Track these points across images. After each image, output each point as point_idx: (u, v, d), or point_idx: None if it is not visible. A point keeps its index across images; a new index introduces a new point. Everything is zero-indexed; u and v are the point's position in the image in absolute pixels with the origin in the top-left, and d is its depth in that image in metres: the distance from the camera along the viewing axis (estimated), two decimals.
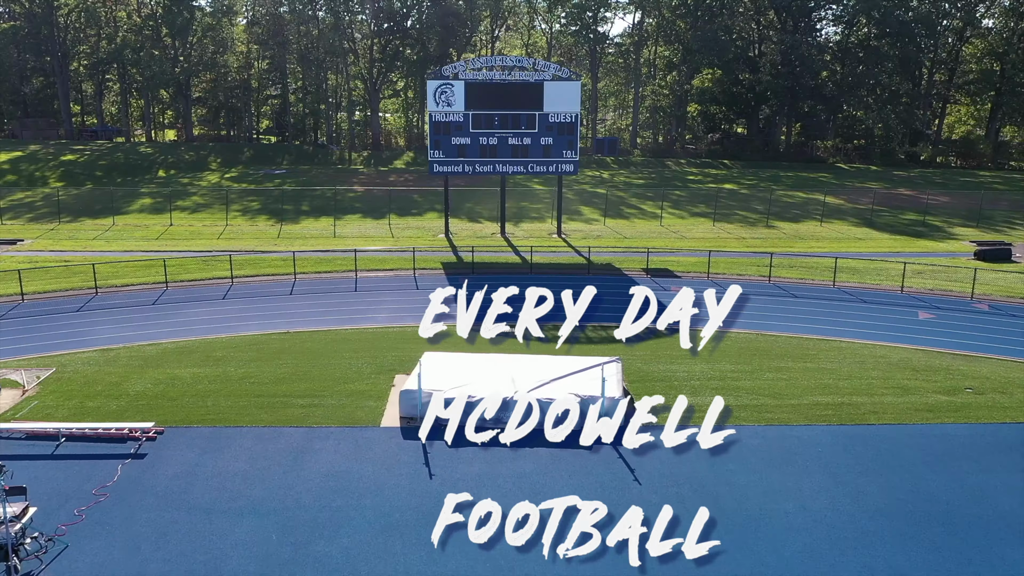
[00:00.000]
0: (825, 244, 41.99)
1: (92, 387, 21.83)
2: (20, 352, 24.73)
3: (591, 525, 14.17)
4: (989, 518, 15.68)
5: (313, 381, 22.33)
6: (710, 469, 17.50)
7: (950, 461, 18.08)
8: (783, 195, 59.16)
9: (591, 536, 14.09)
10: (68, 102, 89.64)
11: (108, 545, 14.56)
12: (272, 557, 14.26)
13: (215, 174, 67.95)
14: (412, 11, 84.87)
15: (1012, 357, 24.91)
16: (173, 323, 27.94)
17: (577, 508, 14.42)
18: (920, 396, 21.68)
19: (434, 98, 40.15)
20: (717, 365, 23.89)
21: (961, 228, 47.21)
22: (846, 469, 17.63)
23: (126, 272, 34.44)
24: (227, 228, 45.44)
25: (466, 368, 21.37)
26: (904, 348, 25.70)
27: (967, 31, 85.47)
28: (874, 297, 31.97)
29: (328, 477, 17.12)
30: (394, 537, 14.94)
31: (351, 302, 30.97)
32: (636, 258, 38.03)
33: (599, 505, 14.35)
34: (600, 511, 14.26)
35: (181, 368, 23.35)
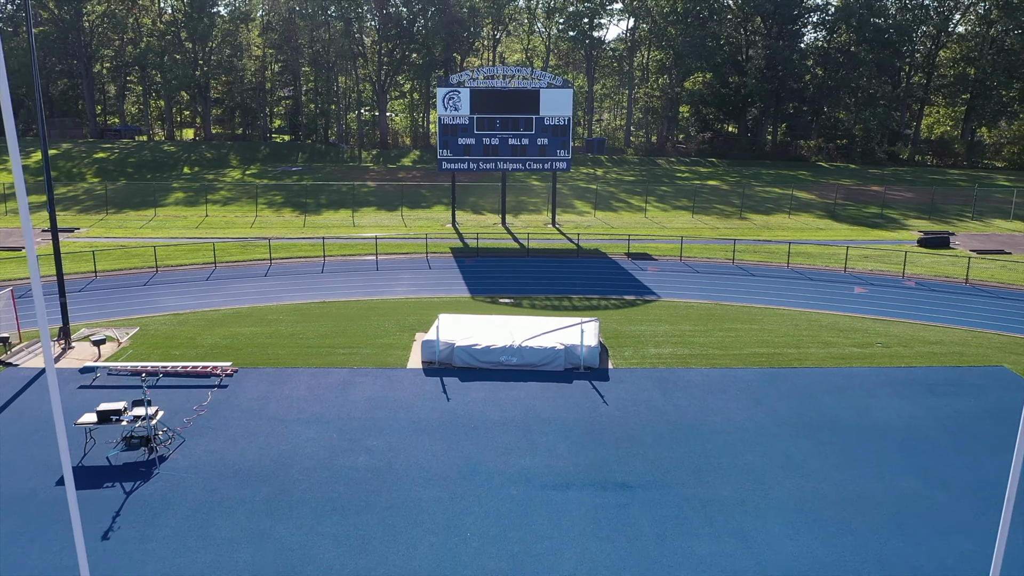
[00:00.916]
0: (789, 233, 47.30)
1: (172, 341, 27.18)
2: (105, 316, 30.11)
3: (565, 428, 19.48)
4: (865, 426, 20.99)
5: (350, 337, 27.67)
6: (662, 395, 22.82)
7: (848, 391, 23.39)
8: (760, 191, 64.46)
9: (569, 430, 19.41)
10: (93, 103, 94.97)
11: (213, 440, 19.88)
12: (335, 447, 19.58)
13: (236, 171, 73.26)
14: (418, 18, 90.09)
15: (922, 321, 30.27)
16: (226, 294, 33.30)
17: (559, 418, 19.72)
18: (838, 348, 27.01)
19: (443, 103, 45.46)
20: (678, 326, 29.24)
21: (915, 220, 52.51)
22: (766, 396, 22.93)
23: (178, 255, 39.81)
24: (257, 219, 50.83)
25: (474, 326, 26.67)
26: (835, 314, 31.06)
27: (942, 37, 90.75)
28: (820, 276, 37.34)
29: (369, 400, 22.45)
30: (422, 436, 20.24)
31: (374, 279, 36.33)
32: (620, 244, 43.37)
33: (578, 416, 19.63)
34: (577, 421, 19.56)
35: (240, 328, 28.70)
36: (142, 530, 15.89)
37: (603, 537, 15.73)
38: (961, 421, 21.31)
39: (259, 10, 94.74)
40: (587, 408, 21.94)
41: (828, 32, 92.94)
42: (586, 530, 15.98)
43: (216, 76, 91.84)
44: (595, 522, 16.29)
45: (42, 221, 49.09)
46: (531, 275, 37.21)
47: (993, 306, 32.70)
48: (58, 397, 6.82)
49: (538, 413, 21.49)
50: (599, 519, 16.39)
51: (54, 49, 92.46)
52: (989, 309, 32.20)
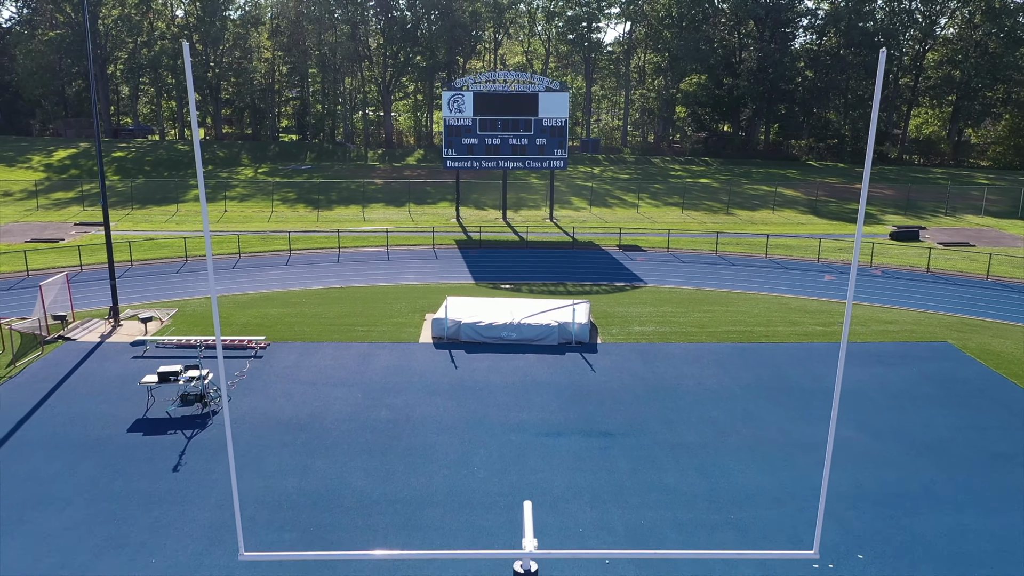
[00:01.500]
0: (772, 227, 50.55)
1: (208, 320, 30.45)
2: (145, 299, 33.39)
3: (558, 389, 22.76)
4: (817, 389, 24.23)
5: (367, 317, 30.93)
6: (643, 365, 26.08)
7: (807, 362, 26.64)
8: (749, 188, 67.71)
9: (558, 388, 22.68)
10: (108, 104, 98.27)
11: (254, 399, 23.14)
12: (360, 404, 22.83)
13: (249, 169, 76.56)
14: (422, 22, 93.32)
15: (881, 304, 33.53)
16: (252, 281, 36.59)
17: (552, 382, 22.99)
18: (803, 327, 30.27)
19: (448, 106, 48.71)
20: (661, 308, 32.50)
21: (892, 215, 55.75)
22: (734, 366, 26.17)
23: (204, 246, 43.09)
24: (273, 214, 54.14)
25: (478, 306, 29.94)
26: (804, 298, 34.32)
27: (928, 40, 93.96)
28: (795, 265, 40.62)
29: (387, 367, 25.72)
30: (435, 396, 23.50)
31: (386, 267, 39.61)
32: (612, 237, 46.63)
33: (567, 380, 22.90)
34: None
35: (268, 309, 31.97)
36: (205, 465, 19.18)
37: (586, 471, 19.00)
38: (901, 385, 24.57)
39: (268, 13, 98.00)
40: (577, 374, 25.21)
41: (818, 35, 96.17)
42: (572, 466, 19.25)
43: (227, 78, 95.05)
44: (580, 460, 19.56)
45: (72, 216, 52.45)
46: (530, 264, 40.48)
47: (948, 292, 35.95)
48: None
49: (534, 378, 24.77)
50: (583, 458, 19.66)
51: (70, 51, 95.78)
52: (943, 294, 35.46)
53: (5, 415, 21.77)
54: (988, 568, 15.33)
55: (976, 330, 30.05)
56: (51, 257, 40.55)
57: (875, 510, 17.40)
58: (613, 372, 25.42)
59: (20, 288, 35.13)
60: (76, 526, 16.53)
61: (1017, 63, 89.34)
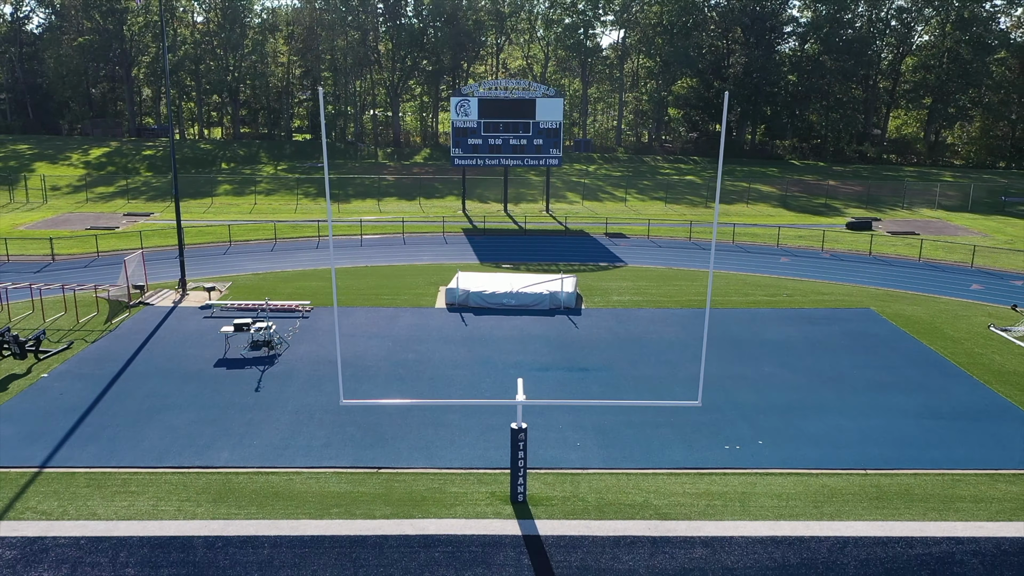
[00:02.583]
0: (743, 218, 56.68)
1: (259, 290, 36.61)
2: (202, 274, 39.54)
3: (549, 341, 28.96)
4: (756, 341, 30.36)
5: (391, 288, 37.10)
6: (617, 324, 32.25)
7: (751, 322, 32.78)
8: (730, 185, 73.82)
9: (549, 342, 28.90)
10: (133, 105, 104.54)
11: (307, 347, 29.29)
12: (391, 350, 28.97)
13: (268, 166, 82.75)
14: (428, 29, 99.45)
15: (823, 280, 39.69)
16: (290, 261, 42.77)
17: (543, 335, 29.19)
18: (753, 297, 36.43)
19: (455, 110, 54.84)
20: (637, 283, 38.69)
21: (854, 209, 61.89)
22: (691, 325, 32.29)
23: (243, 233, 49.31)
24: (298, 206, 60.36)
25: (484, 279, 36.12)
26: (758, 275, 40.49)
27: (903, 48, 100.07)
28: (757, 249, 46.81)
29: (410, 325, 31.89)
30: (450, 344, 29.65)
31: (403, 250, 45.79)
32: (600, 226, 52.79)
33: (556, 334, 29.11)
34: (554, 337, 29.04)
35: (307, 282, 38.14)
36: (279, 387, 25.37)
37: (567, 393, 25.16)
38: (823, 339, 30.74)
39: (284, 21, 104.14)
40: (563, 330, 31.41)
41: (801, 42, 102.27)
42: (556, 388, 25.41)
43: (245, 81, 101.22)
44: (563, 385, 25.73)
45: (118, 208, 58.66)
46: (527, 248, 46.65)
47: (883, 271, 42.08)
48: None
49: (529, 332, 30.93)
50: (565, 384, 25.84)
51: (98, 56, 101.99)
52: (878, 273, 41.58)
53: (116, 356, 27.99)
54: (850, 449, 21.49)
55: (896, 300, 36.21)
56: (112, 241, 46.75)
57: (778, 416, 23.57)
58: (592, 329, 31.62)
59: (94, 266, 41.34)
60: (193, 423, 22.72)
61: (987, 69, 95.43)
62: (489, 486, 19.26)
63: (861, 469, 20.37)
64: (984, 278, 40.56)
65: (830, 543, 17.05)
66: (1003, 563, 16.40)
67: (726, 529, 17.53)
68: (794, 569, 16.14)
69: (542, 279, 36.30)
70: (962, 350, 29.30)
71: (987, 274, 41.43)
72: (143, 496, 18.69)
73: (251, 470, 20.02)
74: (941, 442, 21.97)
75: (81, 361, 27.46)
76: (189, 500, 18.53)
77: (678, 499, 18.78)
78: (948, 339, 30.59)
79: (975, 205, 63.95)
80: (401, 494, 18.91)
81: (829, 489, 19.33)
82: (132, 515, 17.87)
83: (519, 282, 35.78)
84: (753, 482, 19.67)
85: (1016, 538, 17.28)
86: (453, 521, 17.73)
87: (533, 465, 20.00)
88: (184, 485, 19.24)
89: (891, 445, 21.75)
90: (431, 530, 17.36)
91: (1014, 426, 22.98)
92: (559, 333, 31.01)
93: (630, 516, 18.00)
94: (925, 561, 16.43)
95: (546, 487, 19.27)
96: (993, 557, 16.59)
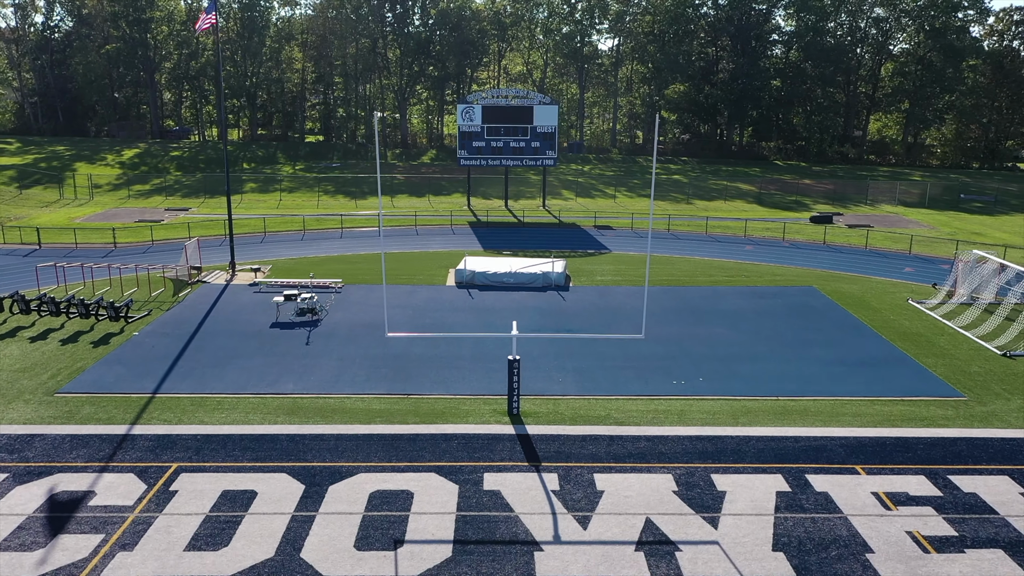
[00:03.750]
0: (720, 213, 63.09)
1: (295, 271, 43.07)
2: (246, 259, 46.01)
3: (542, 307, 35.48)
4: (712, 310, 36.78)
5: (408, 270, 43.56)
6: (599, 298, 38.71)
7: (710, 297, 39.19)
8: (713, 183, 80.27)
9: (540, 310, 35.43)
10: (156, 108, 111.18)
11: (343, 314, 35.73)
12: (411, 316, 35.41)
13: (287, 166, 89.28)
14: (434, 37, 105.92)
15: (778, 264, 46.12)
16: (319, 248, 49.26)
17: (536, 306, 35.73)
18: (715, 278, 42.86)
19: (461, 116, 61.32)
20: (618, 266, 45.14)
21: (822, 205, 68.29)
22: (661, 298, 38.68)
23: (274, 225, 55.81)
24: (320, 202, 66.89)
25: (487, 261, 42.61)
26: (724, 260, 46.93)
27: (881, 55, 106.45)
28: (727, 239, 53.27)
29: (426, 298, 38.36)
30: (459, 312, 36.08)
31: (416, 239, 52.26)
32: (590, 220, 59.24)
33: (547, 304, 35.63)
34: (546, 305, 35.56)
35: (336, 265, 44.62)
36: (324, 342, 31.85)
37: (555, 351, 31.58)
38: (768, 309, 37.16)
39: (299, 29, 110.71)
40: (553, 303, 37.87)
41: (785, 48, 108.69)
42: (546, 344, 31.84)
43: (263, 87, 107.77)
44: (552, 344, 32.15)
45: (158, 203, 65.17)
46: (525, 238, 53.09)
47: (831, 256, 48.48)
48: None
49: (524, 305, 37.37)
50: (554, 342, 32.26)
51: (124, 62, 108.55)
52: (827, 258, 47.98)
53: (189, 320, 34.49)
54: (770, 384, 27.89)
55: (837, 280, 42.64)
56: (162, 232, 53.28)
57: (719, 362, 30.01)
58: (577, 301, 38.10)
59: (151, 252, 47.86)
60: (261, 366, 29.20)
61: (961, 75, 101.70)
62: (492, 406, 25.74)
63: (774, 396, 26.82)
64: (918, 263, 47.01)
65: (739, 439, 23.52)
66: (859, 450, 22.85)
67: (665, 431, 23.98)
68: (709, 453, 22.59)
69: (537, 262, 42.78)
70: (879, 318, 35.73)
71: (922, 259, 47.88)
72: (235, 411, 25.17)
73: (312, 395, 26.52)
74: (842, 380, 28.43)
75: (162, 324, 33.98)
76: (269, 414, 25.01)
77: (632, 414, 25.23)
78: (871, 309, 37.03)
79: (932, 202, 70.35)
80: (426, 410, 25.39)
81: (747, 408, 25.79)
82: (230, 422, 24.36)
83: (517, 264, 42.27)
84: (690, 404, 26.12)
85: (874, 436, 23.72)
86: (466, 425, 24.22)
87: (525, 392, 26.47)
88: (263, 405, 25.72)
89: (803, 382, 28.20)
90: (450, 431, 23.85)
91: (901, 369, 29.44)
92: (550, 305, 37.48)
93: (595, 424, 24.46)
94: (804, 448, 22.89)
95: (534, 406, 25.73)
96: (853, 447, 23.05)
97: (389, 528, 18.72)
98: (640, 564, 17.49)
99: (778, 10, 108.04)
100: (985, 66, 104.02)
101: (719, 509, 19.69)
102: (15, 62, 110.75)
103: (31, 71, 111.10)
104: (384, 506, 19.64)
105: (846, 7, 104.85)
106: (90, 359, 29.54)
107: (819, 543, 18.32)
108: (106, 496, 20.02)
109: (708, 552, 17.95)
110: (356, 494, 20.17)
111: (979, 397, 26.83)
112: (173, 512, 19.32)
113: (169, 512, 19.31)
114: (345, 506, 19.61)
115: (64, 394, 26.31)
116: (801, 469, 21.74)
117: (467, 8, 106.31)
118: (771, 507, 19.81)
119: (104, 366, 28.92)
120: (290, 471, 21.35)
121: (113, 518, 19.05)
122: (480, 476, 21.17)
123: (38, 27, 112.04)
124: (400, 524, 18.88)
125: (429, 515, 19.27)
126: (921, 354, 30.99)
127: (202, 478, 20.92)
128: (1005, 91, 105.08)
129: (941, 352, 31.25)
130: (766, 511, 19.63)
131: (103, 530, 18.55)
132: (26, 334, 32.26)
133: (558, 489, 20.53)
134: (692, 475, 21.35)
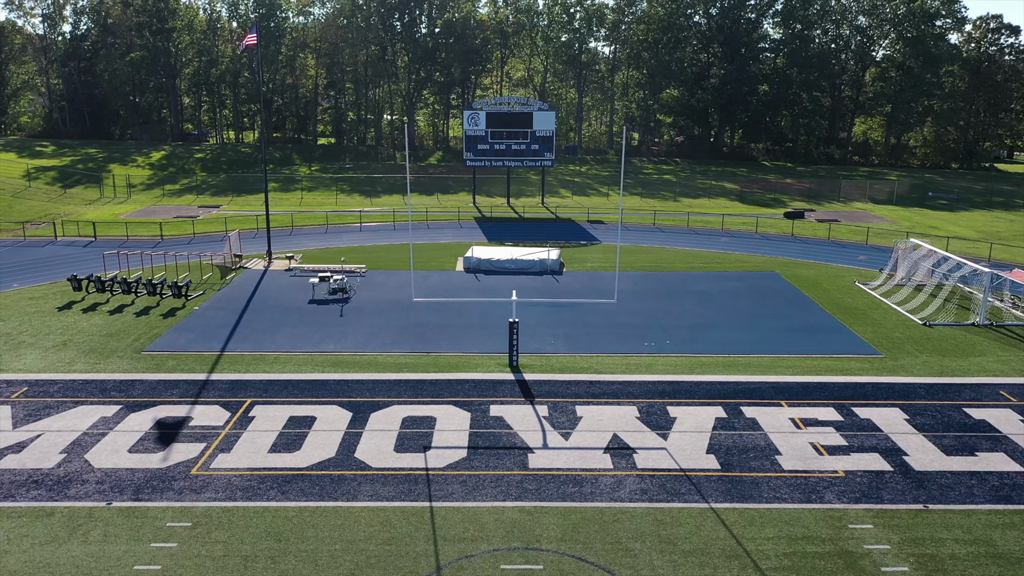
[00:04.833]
0: (703, 209, 69.14)
1: (323, 259, 49.20)
2: (279, 248, 52.18)
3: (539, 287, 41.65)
4: (684, 291, 42.84)
5: (421, 258, 49.66)
6: (588, 281, 44.82)
7: (684, 280, 45.26)
8: (700, 182, 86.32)
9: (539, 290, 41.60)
10: (177, 112, 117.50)
11: (369, 294, 41.85)
12: (431, 292, 41.52)
13: (303, 167, 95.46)
14: (440, 45, 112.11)
15: (747, 252, 52.17)
16: (342, 240, 55.40)
17: (534, 286, 41.92)
18: (692, 264, 48.92)
19: (467, 121, 67.43)
20: (606, 255, 51.27)
21: (799, 202, 74.30)
22: (642, 281, 44.71)
23: (299, 220, 61.99)
24: (338, 200, 73.08)
25: (492, 250, 48.75)
26: (701, 250, 53.00)
27: (864, 61, 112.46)
28: (706, 232, 59.36)
29: (439, 280, 44.47)
30: (468, 291, 42.17)
31: (428, 232, 58.41)
32: (584, 215, 65.34)
33: (542, 285, 41.82)
34: (543, 287, 41.75)
35: (359, 254, 50.74)
36: (355, 314, 37.99)
37: (549, 322, 37.65)
38: (733, 290, 43.22)
39: (313, 38, 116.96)
40: (549, 284, 43.99)
41: (773, 56, 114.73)
42: (542, 316, 37.91)
43: (279, 92, 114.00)
44: (546, 313, 38.25)
45: (190, 201, 71.34)
46: (525, 231, 59.20)
47: (795, 246, 54.51)
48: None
49: (524, 285, 43.45)
50: (548, 311, 38.35)
51: (147, 69, 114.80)
52: (792, 248, 54.01)
53: (238, 298, 40.65)
54: (725, 346, 33.94)
55: (797, 266, 48.71)
56: (200, 226, 59.49)
57: (686, 331, 36.09)
58: (570, 283, 44.22)
59: (194, 243, 54.03)
60: (305, 332, 35.33)
61: (939, 81, 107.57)
62: (496, 360, 31.85)
63: (726, 354, 32.90)
64: (872, 252, 53.07)
65: (692, 383, 29.62)
66: (786, 390, 28.94)
67: (634, 378, 30.08)
68: (667, 392, 28.67)
69: (535, 250, 48.90)
70: (827, 297, 41.79)
71: (876, 249, 53.91)
72: (289, 364, 31.32)
73: (350, 352, 32.66)
74: (785, 343, 34.48)
75: (216, 300, 40.14)
76: (317, 366, 31.15)
77: (608, 367, 31.33)
78: (822, 290, 43.09)
79: (900, 199, 76.38)
80: (443, 363, 31.53)
81: (702, 363, 31.89)
82: (287, 371, 30.50)
83: (518, 252, 48.39)
84: (657, 360, 32.23)
85: (801, 382, 29.78)
86: (476, 374, 30.35)
87: (523, 351, 32.57)
88: (311, 360, 31.86)
89: (752, 344, 34.27)
90: (463, 377, 29.98)
91: (836, 336, 35.50)
92: (545, 286, 43.58)
93: (579, 372, 30.57)
94: (743, 389, 28.98)
95: (531, 361, 31.84)
96: (782, 389, 29.13)
97: (419, 439, 24.87)
98: (607, 460, 23.61)
99: (767, 19, 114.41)
100: (963, 71, 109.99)
101: (670, 428, 25.81)
102: (43, 68, 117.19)
103: (59, 77, 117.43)
104: (414, 425, 25.80)
105: (830, 16, 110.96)
106: (163, 327, 35.71)
107: (742, 449, 24.43)
108: (201, 419, 26.18)
109: (658, 454, 24.05)
110: (392, 418, 26.33)
111: (893, 355, 32.90)
112: (255, 429, 25.48)
113: (252, 429, 25.47)
114: (385, 425, 25.77)
115: (149, 352, 32.49)
116: (737, 403, 27.84)
117: (472, 18, 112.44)
118: (710, 427, 25.91)
119: (176, 332, 35.10)
120: (340, 404, 27.50)
121: (209, 433, 25.21)
122: (487, 407, 27.31)
123: (66, 36, 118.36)
124: (427, 437, 25.02)
125: (449, 431, 25.42)
126: (855, 323, 37.06)
127: (272, 408, 27.08)
128: (982, 95, 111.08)
129: (872, 323, 37.30)
130: (705, 429, 25.73)
131: (204, 440, 24.72)
132: (104, 308, 38.46)
133: (547, 415, 26.66)
134: (652, 407, 27.47)
